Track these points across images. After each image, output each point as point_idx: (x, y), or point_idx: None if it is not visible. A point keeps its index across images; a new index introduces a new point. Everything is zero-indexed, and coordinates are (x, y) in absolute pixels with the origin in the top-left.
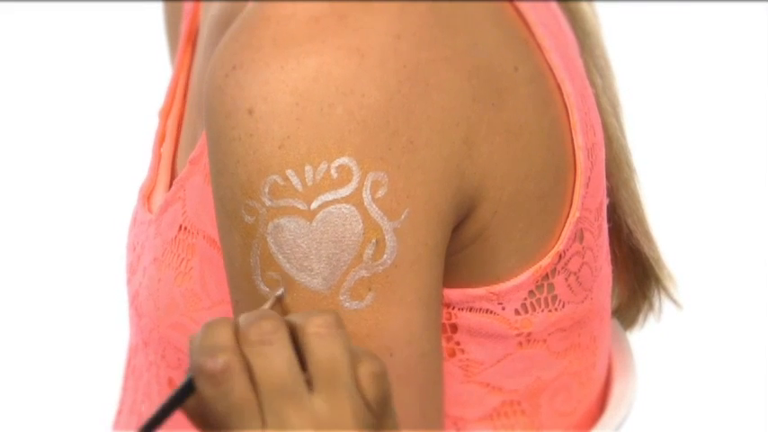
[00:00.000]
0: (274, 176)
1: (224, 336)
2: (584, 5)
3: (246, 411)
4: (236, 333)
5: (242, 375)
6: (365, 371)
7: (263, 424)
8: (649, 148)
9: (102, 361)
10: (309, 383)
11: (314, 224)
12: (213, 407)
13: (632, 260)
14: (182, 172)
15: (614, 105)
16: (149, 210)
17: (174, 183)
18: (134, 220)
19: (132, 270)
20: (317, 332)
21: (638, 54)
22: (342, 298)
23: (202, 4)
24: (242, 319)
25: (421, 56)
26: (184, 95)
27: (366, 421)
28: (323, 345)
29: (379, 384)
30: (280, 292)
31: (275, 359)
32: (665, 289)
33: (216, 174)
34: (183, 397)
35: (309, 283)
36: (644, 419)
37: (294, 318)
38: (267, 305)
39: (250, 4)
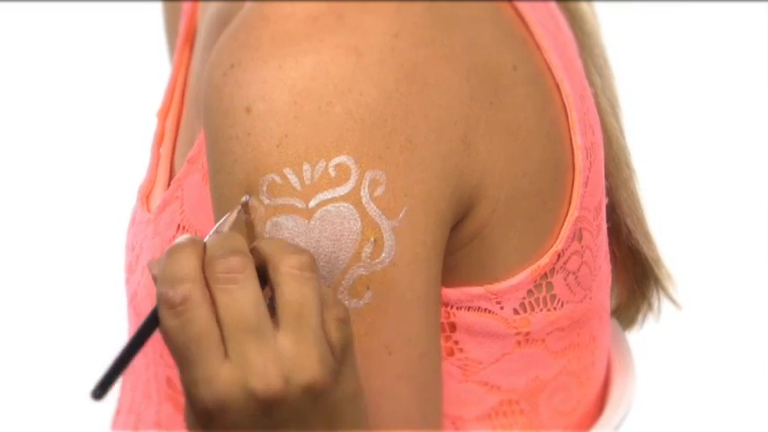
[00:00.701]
0: (272, 175)
1: (188, 265)
2: (584, 5)
3: (205, 343)
4: (202, 263)
5: (202, 307)
6: (331, 315)
7: (225, 357)
8: (648, 148)
9: (101, 360)
10: (275, 321)
11: (312, 223)
12: (173, 338)
13: (631, 260)
14: (179, 171)
15: (613, 105)
16: (148, 209)
17: (171, 182)
18: (133, 220)
19: (131, 270)
20: (289, 272)
21: (637, 54)
22: (340, 296)
23: (200, 4)
24: (210, 247)
25: (419, 55)
26: (183, 95)
27: (329, 365)
28: (295, 286)
29: (345, 328)
30: (245, 199)
31: (240, 297)
32: (664, 289)
33: (214, 172)
34: (149, 328)
35: None
36: (643, 419)
37: (268, 249)
38: (232, 215)
39: (248, 4)
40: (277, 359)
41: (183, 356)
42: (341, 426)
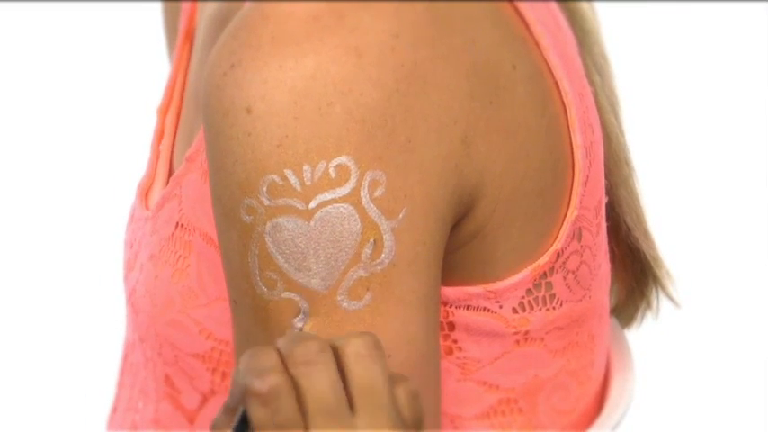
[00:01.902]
0: (272, 176)
1: (270, 358)
2: (583, 4)
3: (292, 430)
4: (281, 356)
5: (290, 395)
6: (403, 391)
7: None
8: (648, 147)
9: (99, 358)
10: (350, 404)
11: (312, 224)
12: (262, 428)
13: (630, 258)
14: (178, 169)
15: (613, 104)
16: (147, 206)
17: (170, 180)
18: (132, 217)
19: (129, 267)
20: (357, 352)
21: (636, 53)
22: (340, 298)
23: (200, 3)
24: (283, 341)
25: (418, 54)
26: (182, 93)
27: None
28: (363, 366)
29: (417, 404)
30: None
31: (321, 379)
32: (663, 287)
33: (214, 172)
34: (242, 427)
35: (308, 282)
36: (642, 418)
37: (335, 340)
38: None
39: (248, 3)
40: None
41: None
42: None
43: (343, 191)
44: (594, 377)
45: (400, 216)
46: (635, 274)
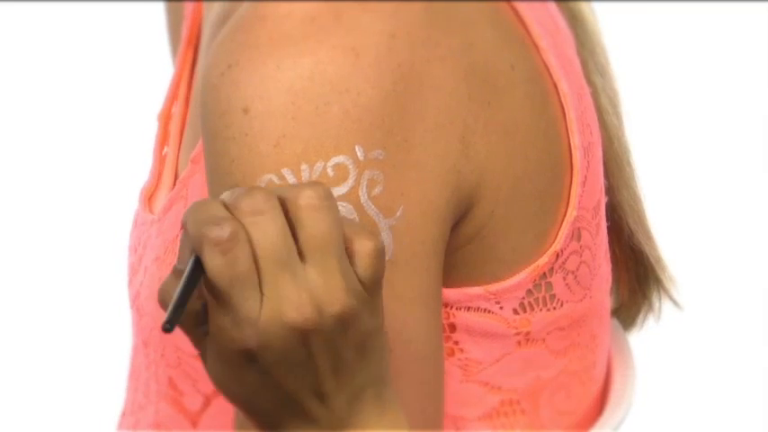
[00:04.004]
0: (270, 175)
1: (219, 208)
2: (584, 6)
3: (248, 282)
4: (227, 207)
5: (246, 243)
6: (362, 246)
7: (261, 295)
8: (650, 148)
9: (108, 363)
10: (300, 255)
11: None
12: (218, 278)
13: (633, 260)
14: (184, 171)
15: (615, 105)
16: (150, 211)
17: (176, 182)
18: (135, 223)
19: (134, 271)
20: (309, 204)
21: (637, 54)
22: None
23: (205, 6)
24: (227, 194)
25: (416, 55)
26: (187, 98)
27: (359, 295)
28: (315, 217)
29: (375, 262)
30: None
31: (270, 228)
32: (665, 290)
33: (211, 172)
34: (195, 276)
35: None
36: (644, 419)
37: (283, 190)
38: None
39: (245, 3)
40: (309, 291)
41: (225, 297)
42: (370, 355)
43: (341, 190)
44: (596, 378)
45: (397, 214)
46: (637, 276)
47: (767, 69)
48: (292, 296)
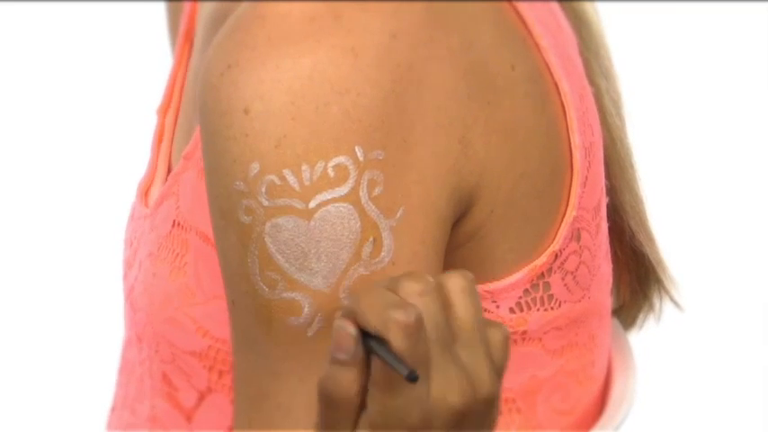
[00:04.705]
0: (271, 176)
1: (390, 294)
2: (588, 7)
3: (425, 363)
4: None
5: (424, 327)
6: (497, 333)
7: (428, 376)
8: (651, 150)
9: (99, 356)
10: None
11: (312, 223)
12: (405, 359)
13: (634, 261)
14: (176, 167)
15: (618, 107)
16: (146, 205)
17: (168, 178)
18: (131, 216)
19: (129, 264)
20: (460, 288)
21: (639, 55)
22: (342, 296)
23: (199, 2)
24: (389, 281)
25: (416, 55)
26: (181, 93)
27: (499, 379)
28: (466, 300)
29: (507, 350)
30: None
31: (437, 311)
32: (666, 291)
33: (211, 172)
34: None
35: (309, 282)
36: (644, 420)
37: (432, 275)
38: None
39: (244, 3)
40: (465, 373)
41: (405, 380)
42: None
43: (342, 190)
44: (595, 377)
45: (398, 215)
46: (638, 278)
47: None
48: (455, 379)
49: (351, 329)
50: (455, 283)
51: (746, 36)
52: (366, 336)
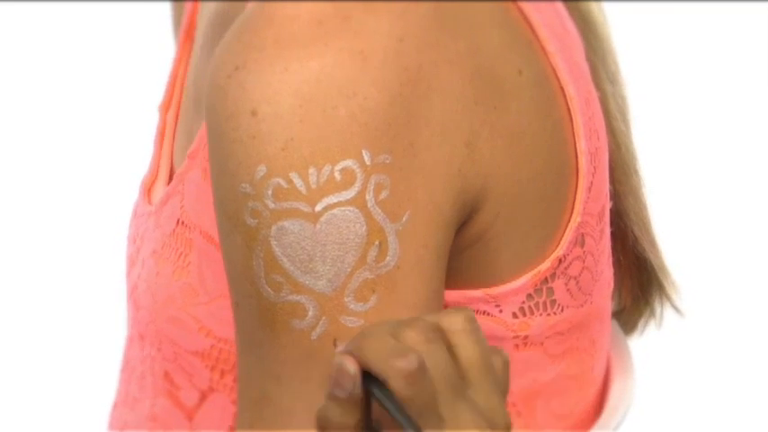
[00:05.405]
0: (277, 179)
1: (391, 340)
2: (595, 11)
3: (432, 409)
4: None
5: (427, 373)
6: (499, 360)
7: (440, 423)
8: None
9: (102, 354)
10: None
11: (318, 226)
12: (407, 408)
13: (637, 267)
14: (181, 166)
15: (624, 113)
16: (149, 202)
17: (174, 176)
18: (134, 213)
19: (132, 262)
20: (462, 329)
21: (644, 60)
22: (347, 300)
23: (200, 1)
24: (389, 327)
25: (423, 58)
26: (182, 90)
27: (507, 411)
28: (470, 341)
29: (508, 371)
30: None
31: (442, 356)
32: (667, 297)
33: (217, 174)
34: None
35: (314, 285)
36: (642, 422)
37: (433, 318)
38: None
39: (251, 4)
40: (479, 414)
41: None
42: None
43: (348, 194)
44: (594, 380)
45: (404, 219)
46: (640, 283)
47: None
48: (470, 421)
49: (351, 368)
50: (455, 322)
51: (756, 43)
52: (367, 376)
